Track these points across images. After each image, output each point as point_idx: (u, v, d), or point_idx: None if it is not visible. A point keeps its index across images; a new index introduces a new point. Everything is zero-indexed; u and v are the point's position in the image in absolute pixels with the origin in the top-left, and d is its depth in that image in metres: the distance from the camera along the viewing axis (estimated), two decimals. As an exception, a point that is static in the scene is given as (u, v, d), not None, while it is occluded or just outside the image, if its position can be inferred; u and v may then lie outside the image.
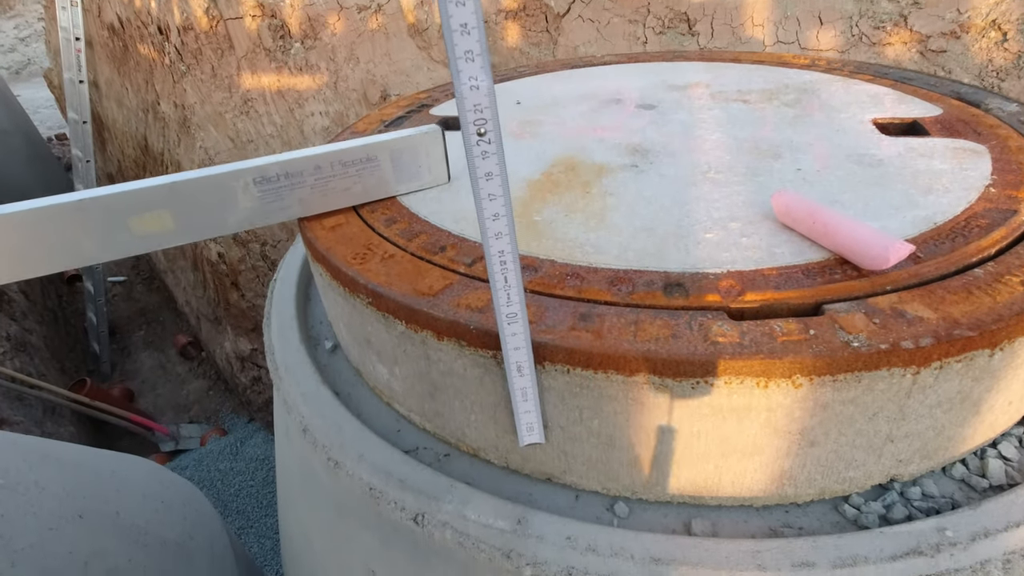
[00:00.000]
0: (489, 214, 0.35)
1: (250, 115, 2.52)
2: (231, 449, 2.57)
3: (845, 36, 2.24)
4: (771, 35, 2.30)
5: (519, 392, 0.44)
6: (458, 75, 0.30)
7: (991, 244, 0.50)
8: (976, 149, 0.65)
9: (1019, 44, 2.09)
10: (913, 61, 2.19)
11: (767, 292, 0.46)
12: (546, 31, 2.50)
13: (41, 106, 4.37)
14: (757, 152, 0.69)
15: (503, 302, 0.40)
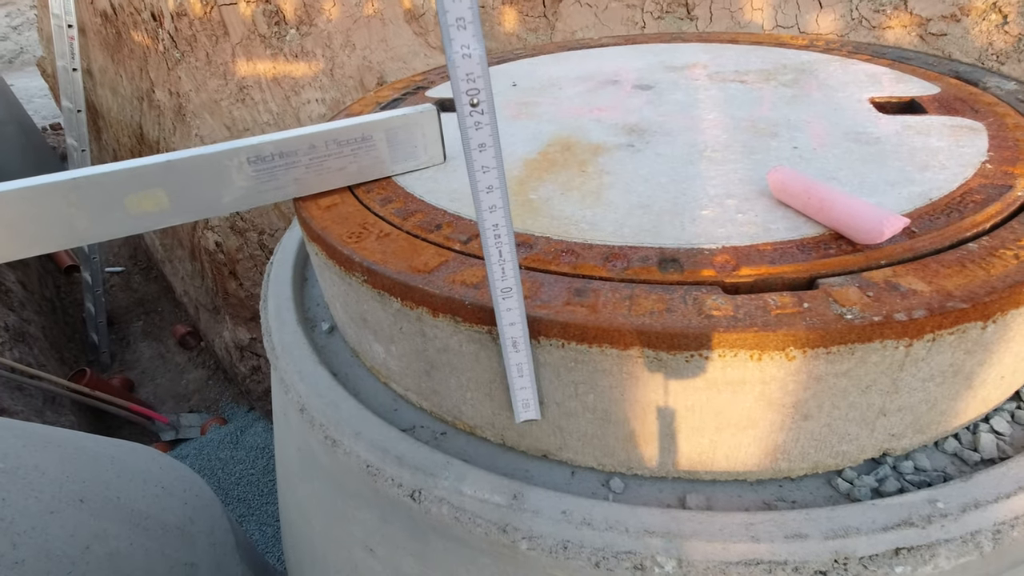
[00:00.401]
0: (483, 186, 0.35)
1: (246, 103, 2.50)
2: (231, 438, 2.58)
3: (845, 19, 2.23)
4: (770, 19, 2.28)
5: (515, 368, 0.44)
6: (450, 43, 0.30)
7: (986, 219, 0.50)
8: (973, 126, 0.65)
9: (1019, 27, 2.07)
10: (913, 45, 2.18)
11: (762, 267, 0.46)
12: (543, 16, 2.48)
13: (35, 95, 4.34)
14: (754, 131, 0.68)
15: (498, 276, 0.40)
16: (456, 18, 0.29)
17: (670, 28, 2.39)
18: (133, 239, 3.60)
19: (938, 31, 2.16)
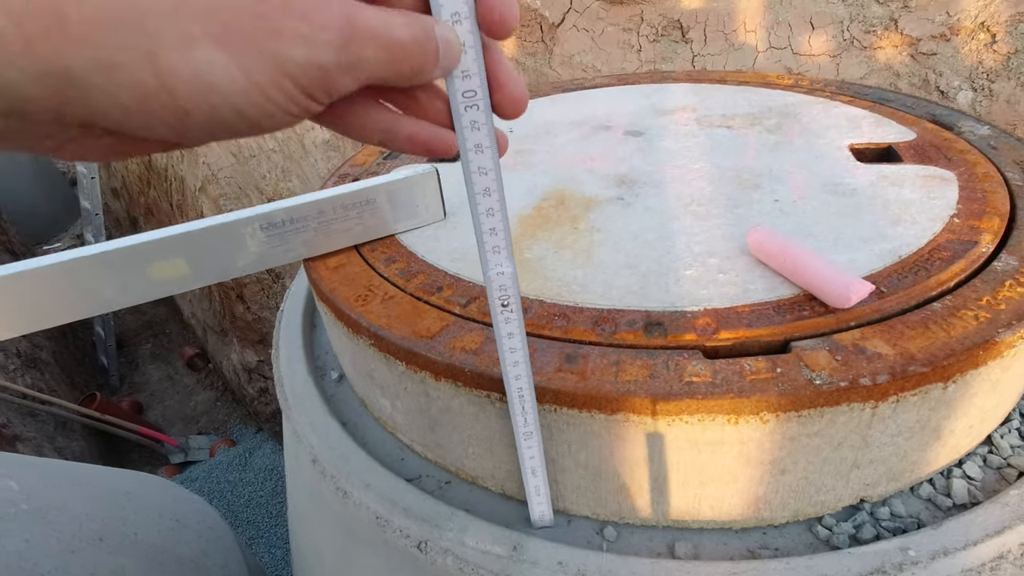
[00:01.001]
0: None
1: (251, 130, 2.55)
2: (240, 460, 2.61)
3: (836, 40, 2.27)
4: (763, 40, 2.33)
5: (532, 489, 0.48)
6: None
7: (950, 277, 0.53)
8: (945, 176, 0.69)
9: (1008, 45, 2.11)
10: (904, 64, 2.22)
11: (740, 330, 0.49)
12: (542, 41, 2.53)
13: (45, 122, 4.42)
14: (738, 182, 0.72)
15: (520, 423, 0.44)
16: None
17: (666, 51, 2.44)
18: (141, 262, 3.64)
19: (928, 51, 2.20)
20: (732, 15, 2.38)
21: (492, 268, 0.35)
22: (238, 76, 0.21)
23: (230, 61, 0.21)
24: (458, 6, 0.27)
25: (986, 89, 2.15)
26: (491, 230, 0.34)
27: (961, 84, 2.17)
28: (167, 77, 0.20)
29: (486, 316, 0.54)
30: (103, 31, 0.19)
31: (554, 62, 2.57)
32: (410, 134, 0.31)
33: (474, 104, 0.30)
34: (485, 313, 0.54)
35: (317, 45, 0.22)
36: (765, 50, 2.36)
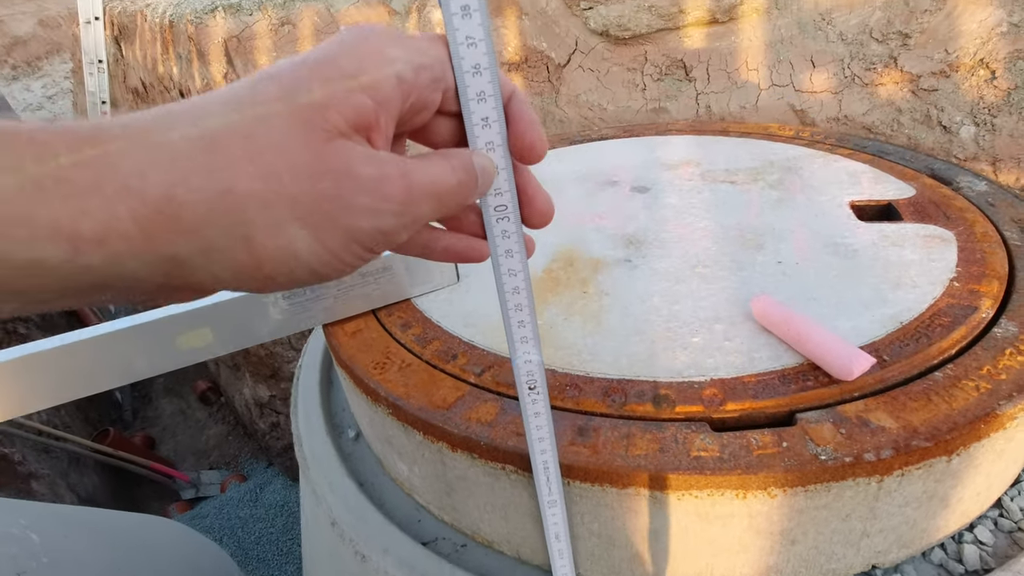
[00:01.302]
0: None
1: (266, 170, 2.62)
2: (251, 495, 2.62)
3: (838, 78, 2.31)
4: (766, 79, 2.38)
5: (556, 552, 0.49)
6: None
7: (951, 345, 0.55)
8: (944, 236, 0.71)
9: (1008, 81, 2.14)
10: (906, 100, 2.25)
11: (746, 401, 0.51)
12: (548, 81, 2.60)
13: (66, 160, 4.56)
14: (742, 241, 0.74)
15: (544, 492, 0.46)
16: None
17: (670, 89, 2.49)
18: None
19: (929, 87, 2.23)
20: (734, 54, 2.44)
21: (520, 357, 0.37)
22: (317, 247, 0.24)
23: (311, 236, 0.24)
24: (492, 136, 0.30)
25: (988, 124, 2.17)
26: (519, 323, 0.36)
27: (963, 119, 2.20)
28: (259, 255, 0.24)
29: (500, 386, 0.56)
30: (209, 225, 0.22)
31: (560, 101, 2.63)
32: (446, 246, 0.34)
33: (505, 216, 0.33)
34: (499, 383, 0.56)
35: (381, 215, 0.25)
36: (768, 87, 2.41)
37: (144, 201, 0.21)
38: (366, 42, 0.25)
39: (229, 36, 2.37)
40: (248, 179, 0.22)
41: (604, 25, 2.48)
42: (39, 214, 0.19)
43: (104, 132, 0.21)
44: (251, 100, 0.23)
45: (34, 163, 0.20)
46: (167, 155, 0.22)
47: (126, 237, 0.21)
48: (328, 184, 0.24)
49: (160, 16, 2.48)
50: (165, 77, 2.62)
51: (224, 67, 2.43)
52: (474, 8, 0.27)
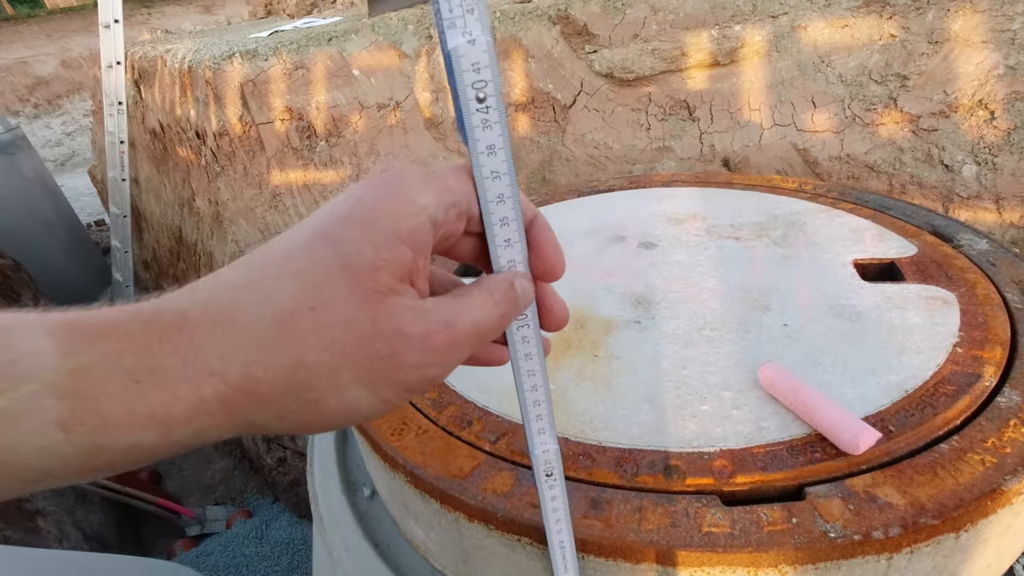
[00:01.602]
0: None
1: (278, 208, 2.68)
2: (256, 532, 2.60)
3: (839, 118, 2.36)
4: (768, 118, 2.43)
5: None
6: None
7: (956, 415, 0.56)
8: (946, 298, 0.72)
9: (1007, 122, 2.18)
10: (907, 139, 2.29)
11: (755, 474, 0.52)
12: (554, 121, 2.66)
13: (83, 194, 4.68)
14: (748, 301, 0.76)
15: (560, 568, 0.47)
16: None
17: (674, 128, 2.54)
18: (167, 329, 3.75)
19: (929, 127, 2.27)
20: (736, 95, 2.49)
21: (538, 447, 0.39)
22: (374, 400, 0.27)
23: (369, 392, 0.27)
24: (514, 255, 0.32)
25: (990, 163, 2.20)
26: (538, 416, 0.38)
27: (965, 158, 2.23)
28: (325, 413, 0.26)
29: (514, 455, 0.58)
30: (283, 396, 0.25)
31: (567, 140, 2.69)
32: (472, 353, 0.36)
33: (525, 324, 0.35)
34: (514, 451, 0.58)
35: (428, 367, 0.28)
36: (770, 127, 2.45)
37: (226, 381, 0.24)
38: (399, 189, 0.28)
39: (245, 80, 2.45)
40: (316, 351, 0.25)
41: (608, 68, 2.55)
42: (139, 406, 0.22)
43: (188, 316, 0.24)
44: (311, 268, 0.26)
45: (134, 358, 0.22)
46: (245, 336, 0.24)
47: (211, 413, 0.24)
48: (382, 345, 0.26)
49: (180, 61, 2.57)
50: (182, 119, 2.70)
51: (239, 109, 2.50)
52: (499, 147, 0.30)
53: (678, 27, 2.45)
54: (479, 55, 0.26)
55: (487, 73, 0.27)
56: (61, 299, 3.65)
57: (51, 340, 0.22)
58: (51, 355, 0.22)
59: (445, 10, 0.25)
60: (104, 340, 0.22)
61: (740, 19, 2.39)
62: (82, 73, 5.21)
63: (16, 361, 0.21)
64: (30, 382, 0.21)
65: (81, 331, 0.22)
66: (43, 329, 0.22)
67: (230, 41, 2.69)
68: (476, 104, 0.27)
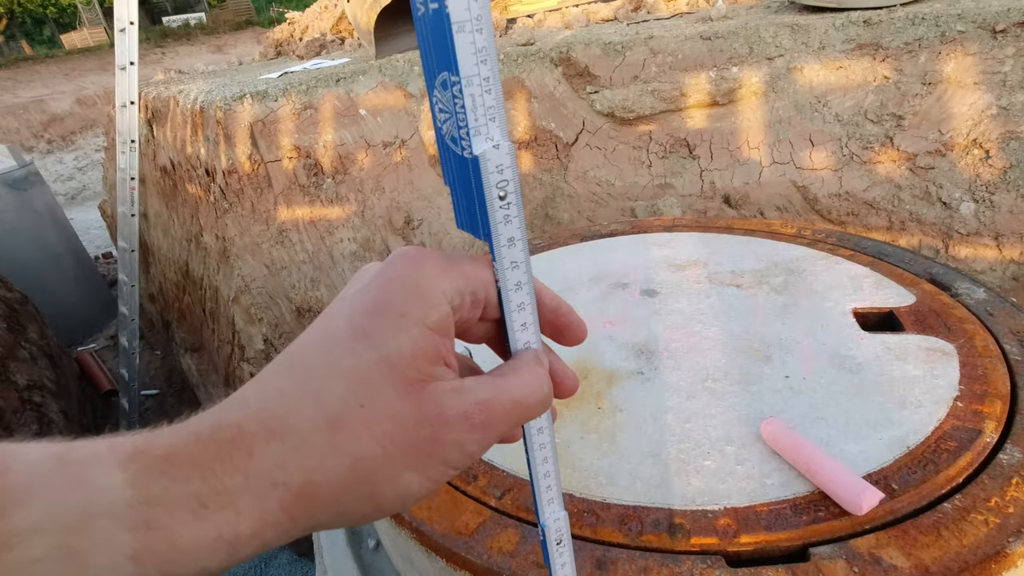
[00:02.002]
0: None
1: (284, 244, 2.72)
2: (255, 571, 2.55)
3: (836, 156, 2.40)
4: (767, 156, 2.47)
5: None
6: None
7: (958, 472, 0.57)
8: (945, 350, 0.73)
9: (1003, 160, 2.21)
10: (904, 177, 2.33)
11: (759, 534, 0.53)
12: (557, 158, 2.71)
13: (91, 227, 4.76)
14: (750, 352, 0.77)
15: None
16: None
17: (674, 166, 2.59)
18: (169, 362, 3.76)
19: (926, 165, 2.31)
20: (735, 134, 2.54)
21: (549, 516, 0.40)
22: (424, 481, 0.28)
23: (420, 475, 0.28)
24: (528, 337, 0.34)
25: (987, 200, 2.23)
26: (548, 487, 0.39)
27: (962, 195, 2.26)
28: (381, 503, 0.27)
29: (520, 511, 0.58)
30: (343, 495, 0.26)
31: (569, 177, 2.74)
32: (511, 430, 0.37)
33: None
34: (519, 508, 0.58)
35: (468, 444, 0.29)
36: (769, 164, 2.49)
37: (289, 489, 0.24)
38: (422, 278, 0.29)
39: (255, 120, 2.51)
40: (370, 446, 0.26)
41: (610, 107, 2.61)
42: (207, 530, 0.23)
43: (244, 431, 0.25)
44: (354, 367, 0.27)
45: (200, 482, 0.23)
46: (302, 443, 0.25)
47: (275, 524, 0.24)
48: (427, 430, 0.27)
49: (192, 102, 2.65)
50: (193, 157, 2.76)
51: (249, 148, 2.56)
52: (518, 239, 0.31)
53: (677, 69, 2.52)
54: (502, 157, 0.28)
55: (508, 173, 0.29)
56: (68, 330, 3.67)
57: (123, 473, 0.23)
58: (124, 489, 0.22)
59: (471, 120, 0.27)
60: (171, 467, 0.23)
61: (737, 61, 2.45)
62: (96, 110, 5.35)
63: (92, 499, 0.22)
64: (105, 518, 0.22)
65: (149, 460, 0.23)
66: (115, 461, 0.23)
67: (241, 82, 2.77)
68: (499, 202, 0.29)
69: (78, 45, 14.14)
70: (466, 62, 0.26)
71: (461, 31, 0.26)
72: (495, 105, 0.28)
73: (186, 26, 19.29)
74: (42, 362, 3.17)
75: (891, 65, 2.21)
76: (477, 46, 0.26)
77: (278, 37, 4.38)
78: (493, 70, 0.27)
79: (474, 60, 0.26)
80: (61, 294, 3.70)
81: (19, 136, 5.82)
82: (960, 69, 2.22)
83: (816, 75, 2.35)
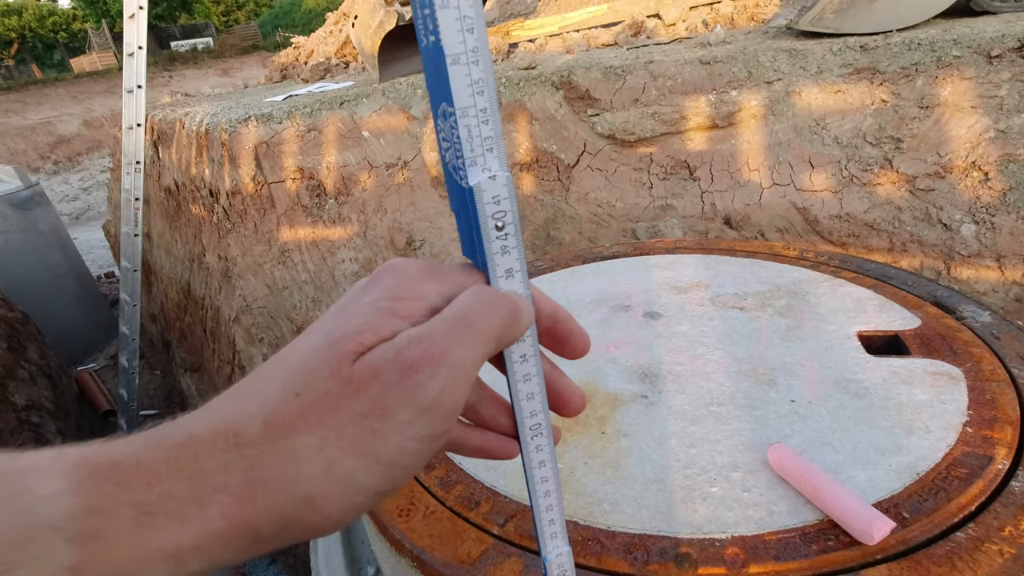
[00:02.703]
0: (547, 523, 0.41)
1: (286, 264, 2.72)
2: (254, 601, 2.51)
3: (836, 178, 2.41)
4: (767, 178, 2.49)
5: None
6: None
7: (970, 501, 0.55)
8: (952, 374, 0.73)
9: (1002, 183, 2.22)
10: (904, 199, 2.34)
11: (768, 564, 0.51)
12: (558, 180, 2.73)
13: (95, 247, 4.78)
14: (755, 376, 0.77)
15: None
16: None
17: (675, 187, 2.60)
18: (168, 382, 3.74)
19: (925, 187, 2.32)
20: (735, 156, 2.56)
21: (552, 551, 0.39)
22: (369, 468, 0.25)
23: (362, 459, 0.25)
24: (525, 349, 0.33)
25: (988, 222, 2.23)
26: (550, 521, 0.38)
27: (963, 217, 2.26)
28: (319, 506, 0.25)
29: (523, 539, 0.57)
30: (280, 499, 0.24)
31: (571, 199, 2.75)
32: (479, 445, 0.35)
33: (539, 433, 0.35)
34: (522, 535, 0.57)
35: (416, 396, 0.25)
36: (770, 186, 2.51)
37: (229, 493, 0.23)
38: (403, 278, 0.28)
39: (259, 142, 2.54)
40: (304, 435, 0.24)
41: (610, 130, 2.63)
42: (148, 539, 0.22)
43: (193, 434, 0.24)
44: (299, 356, 0.26)
45: (144, 488, 0.22)
46: (244, 444, 0.24)
47: (217, 535, 0.23)
48: (364, 403, 0.25)
49: (197, 124, 2.68)
50: (197, 178, 2.78)
51: (253, 170, 2.58)
52: (516, 270, 0.31)
53: (676, 92, 2.55)
54: (499, 188, 0.28)
55: (506, 204, 0.29)
56: (68, 350, 3.66)
57: (65, 480, 0.22)
58: (64, 497, 0.21)
59: (467, 150, 0.27)
60: (116, 473, 0.22)
61: (736, 85, 2.48)
62: (103, 132, 5.42)
63: (31, 508, 0.21)
64: (45, 528, 0.21)
65: (94, 467, 0.22)
66: (59, 470, 0.22)
67: (246, 105, 2.80)
68: (496, 232, 0.29)
69: (87, 69, 14.40)
70: (461, 93, 0.26)
71: (456, 63, 0.26)
72: (492, 136, 0.28)
73: (193, 50, 19.67)
74: (41, 382, 3.16)
75: (888, 89, 2.23)
76: (473, 78, 0.26)
77: (283, 61, 4.45)
78: (491, 101, 0.27)
79: (469, 92, 0.26)
80: (63, 314, 3.70)
81: (26, 157, 5.88)
82: (957, 93, 2.24)
83: (814, 99, 2.38)
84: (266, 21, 27.59)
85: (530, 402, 0.33)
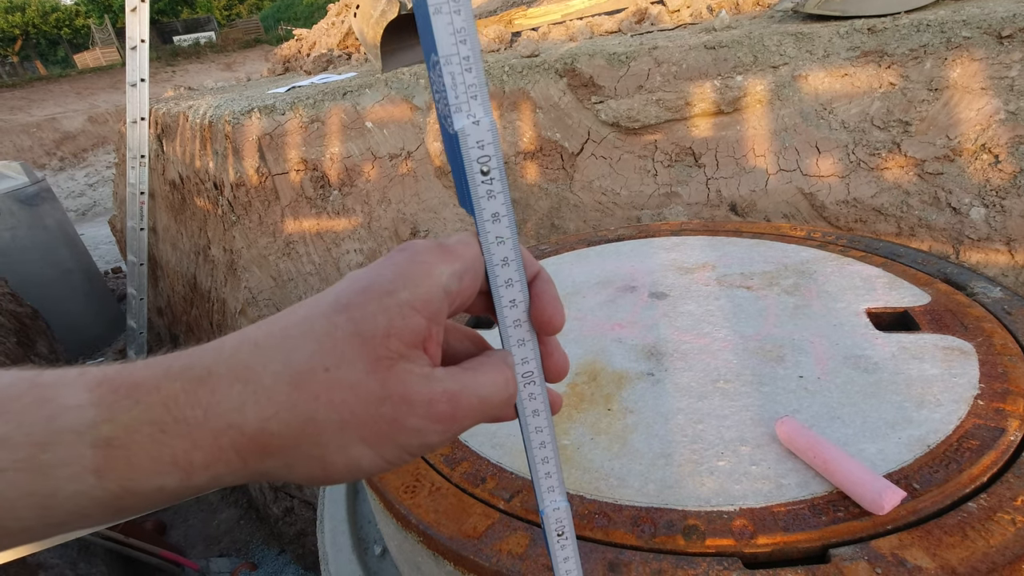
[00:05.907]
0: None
1: (291, 256, 2.73)
2: (263, 586, 2.53)
3: (843, 163, 2.39)
4: (773, 164, 2.46)
5: None
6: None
7: (982, 471, 0.55)
8: (963, 348, 0.72)
9: (1012, 165, 2.19)
10: (913, 183, 2.31)
11: (777, 535, 0.51)
12: (562, 168, 2.72)
13: (101, 243, 4.80)
14: (762, 353, 0.76)
15: None
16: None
17: (680, 175, 2.58)
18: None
19: (934, 170, 2.29)
20: (741, 142, 2.54)
21: (548, 505, 0.38)
22: (376, 459, 0.28)
23: (372, 451, 0.28)
24: (519, 315, 0.33)
25: (998, 205, 2.21)
26: (547, 474, 0.38)
27: (972, 201, 2.24)
28: (329, 469, 0.28)
29: (529, 513, 0.57)
30: (293, 449, 0.27)
31: (575, 187, 2.74)
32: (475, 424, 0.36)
33: (532, 381, 0.35)
34: (528, 510, 0.57)
35: (429, 433, 0.29)
36: (776, 172, 2.48)
37: (243, 432, 0.25)
38: (417, 263, 0.29)
39: (263, 134, 2.54)
40: (326, 410, 0.27)
41: (615, 117, 2.61)
42: (163, 453, 0.24)
43: (212, 372, 0.26)
44: (328, 333, 0.27)
45: (162, 410, 0.25)
46: (263, 392, 0.26)
47: (227, 462, 0.26)
48: (388, 408, 0.27)
49: (201, 116, 2.68)
50: (201, 171, 2.79)
51: (256, 161, 2.58)
52: (503, 215, 0.31)
53: (681, 78, 2.53)
54: (483, 134, 0.28)
55: (490, 149, 0.29)
56: (76, 344, 3.69)
57: (89, 394, 0.24)
58: (88, 408, 0.24)
59: (452, 97, 0.28)
60: (136, 392, 0.25)
61: (741, 70, 2.45)
62: (107, 128, 5.44)
63: (58, 415, 0.23)
64: (69, 433, 0.23)
65: (116, 386, 0.25)
66: (82, 385, 0.24)
67: (249, 97, 2.80)
68: (481, 177, 0.29)
69: (91, 64, 14.42)
70: (444, 42, 0.27)
71: (438, 12, 0.27)
72: (476, 83, 0.29)
73: (196, 45, 19.66)
74: (51, 376, 3.18)
75: (897, 72, 2.21)
76: (455, 27, 0.27)
77: (286, 53, 4.44)
78: (473, 50, 0.28)
79: (452, 40, 0.27)
80: (71, 309, 3.72)
81: (32, 153, 5.90)
82: (966, 75, 2.21)
83: (821, 83, 2.35)
84: (268, 15, 27.57)
85: (521, 348, 0.33)
